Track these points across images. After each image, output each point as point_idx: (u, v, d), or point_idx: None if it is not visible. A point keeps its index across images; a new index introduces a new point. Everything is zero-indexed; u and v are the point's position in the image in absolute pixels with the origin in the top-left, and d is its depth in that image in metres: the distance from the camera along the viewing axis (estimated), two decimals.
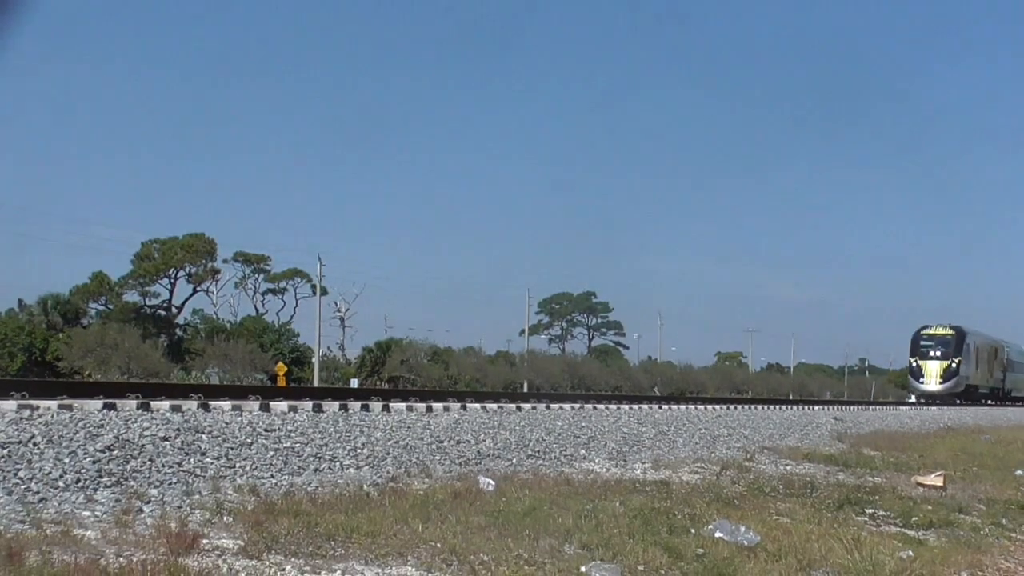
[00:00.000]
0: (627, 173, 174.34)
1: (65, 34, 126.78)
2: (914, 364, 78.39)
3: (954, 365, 76.04)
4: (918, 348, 77.94)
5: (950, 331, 77.78)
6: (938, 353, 76.38)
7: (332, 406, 16.52)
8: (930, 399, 72.69)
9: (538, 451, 16.33)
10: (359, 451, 13.59)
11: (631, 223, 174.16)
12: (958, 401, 73.32)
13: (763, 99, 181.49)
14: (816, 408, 38.40)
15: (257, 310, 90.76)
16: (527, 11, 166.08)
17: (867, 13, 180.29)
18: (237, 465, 11.76)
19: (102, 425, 11.77)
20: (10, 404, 12.48)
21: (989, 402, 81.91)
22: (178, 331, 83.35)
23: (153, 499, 9.96)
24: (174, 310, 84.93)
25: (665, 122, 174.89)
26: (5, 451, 10.28)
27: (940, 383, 75.67)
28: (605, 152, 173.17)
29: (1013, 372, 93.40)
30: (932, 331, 78.28)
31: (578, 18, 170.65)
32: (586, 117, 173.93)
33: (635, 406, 25.55)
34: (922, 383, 76.72)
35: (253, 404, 15.50)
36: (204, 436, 12.39)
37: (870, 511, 14.62)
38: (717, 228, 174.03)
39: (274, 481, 11.52)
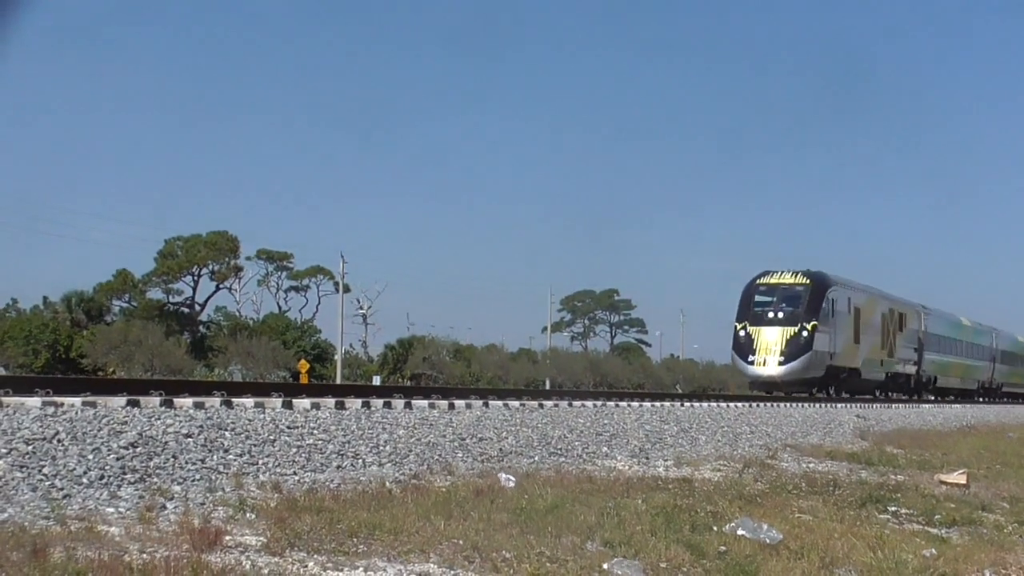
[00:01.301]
0: (648, 171, 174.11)
1: (88, 30, 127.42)
2: (741, 333, 45.30)
3: (805, 334, 44.29)
4: (749, 308, 45.66)
5: (801, 280, 45.87)
6: (780, 315, 44.80)
7: (354, 403, 16.55)
8: (767, 390, 44.43)
9: (560, 448, 16.34)
10: (381, 448, 13.62)
11: (653, 220, 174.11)
12: (812, 392, 45.10)
13: (779, 91, 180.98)
14: (839, 406, 38.25)
15: (280, 307, 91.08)
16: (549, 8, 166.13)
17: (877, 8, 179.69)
18: (260, 462, 11.80)
19: (126, 422, 11.83)
20: (34, 401, 12.55)
21: (888, 395, 53.08)
22: (201, 328, 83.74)
23: (176, 496, 10.01)
24: (197, 307, 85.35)
25: (685, 119, 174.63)
26: (30, 448, 10.35)
27: (781, 363, 43.99)
28: (626, 150, 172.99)
29: (936, 352, 61.73)
30: (772, 279, 46.32)
31: (593, 11, 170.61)
32: (606, 114, 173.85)
33: (657, 404, 25.53)
34: (751, 363, 44.67)
35: (276, 401, 15.54)
36: (227, 433, 12.43)
37: (893, 509, 14.59)
38: (739, 225, 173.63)
39: (297, 478, 11.56)
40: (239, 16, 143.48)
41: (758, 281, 46.31)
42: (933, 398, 58.40)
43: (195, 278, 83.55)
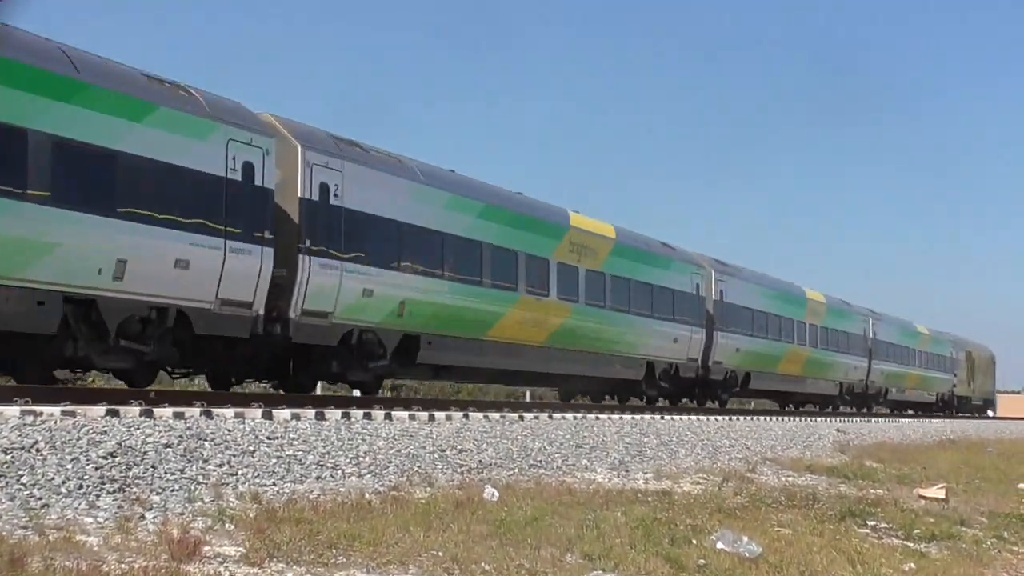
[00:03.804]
0: (647, 166, 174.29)
1: (75, 26, 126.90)
2: None
3: None
4: None
5: None
6: None
7: (335, 414, 16.52)
8: None
9: (540, 460, 16.34)
10: (361, 459, 13.60)
11: (649, 216, 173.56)
12: None
13: (766, 96, 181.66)
14: (819, 419, 38.36)
15: None
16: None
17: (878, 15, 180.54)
18: (239, 472, 11.77)
19: (105, 431, 11.78)
20: (13, 410, 12.49)
21: None
22: None
23: (155, 506, 9.98)
24: None
25: (682, 114, 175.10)
26: (8, 457, 10.30)
27: None
28: (601, 160, 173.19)
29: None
30: None
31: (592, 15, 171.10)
32: (600, 107, 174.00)
33: (637, 416, 25.54)
34: None
35: (256, 411, 15.49)
36: (206, 443, 12.40)
37: (872, 523, 14.64)
38: (721, 232, 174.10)
39: (276, 488, 11.54)
40: (223, 15, 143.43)
41: None
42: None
43: None
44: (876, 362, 53.97)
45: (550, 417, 21.75)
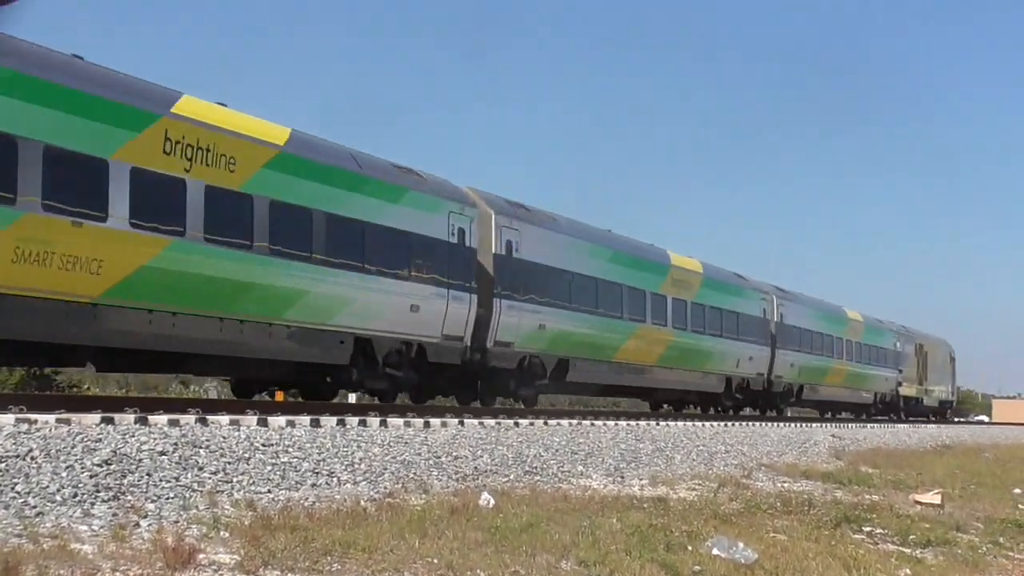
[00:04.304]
0: (644, 166, 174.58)
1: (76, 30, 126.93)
2: None
3: None
4: None
5: None
6: None
7: (330, 421, 16.51)
8: None
9: (536, 467, 16.33)
10: (356, 466, 13.59)
11: (631, 231, 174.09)
12: None
13: (766, 98, 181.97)
14: (814, 425, 38.37)
15: None
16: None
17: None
18: (234, 480, 11.75)
19: (100, 439, 11.77)
20: (8, 418, 12.47)
21: None
22: None
23: (150, 513, 9.96)
24: None
25: (678, 113, 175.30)
26: (2, 465, 10.28)
27: None
28: (605, 166, 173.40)
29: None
30: None
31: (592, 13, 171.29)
32: (597, 108, 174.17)
33: (633, 422, 25.53)
34: None
35: (251, 419, 15.48)
36: (202, 451, 12.38)
37: (868, 529, 14.64)
38: (717, 237, 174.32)
39: (271, 496, 11.52)
40: (229, 16, 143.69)
41: None
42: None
43: None
44: (783, 352, 43.59)
45: (545, 423, 21.76)
